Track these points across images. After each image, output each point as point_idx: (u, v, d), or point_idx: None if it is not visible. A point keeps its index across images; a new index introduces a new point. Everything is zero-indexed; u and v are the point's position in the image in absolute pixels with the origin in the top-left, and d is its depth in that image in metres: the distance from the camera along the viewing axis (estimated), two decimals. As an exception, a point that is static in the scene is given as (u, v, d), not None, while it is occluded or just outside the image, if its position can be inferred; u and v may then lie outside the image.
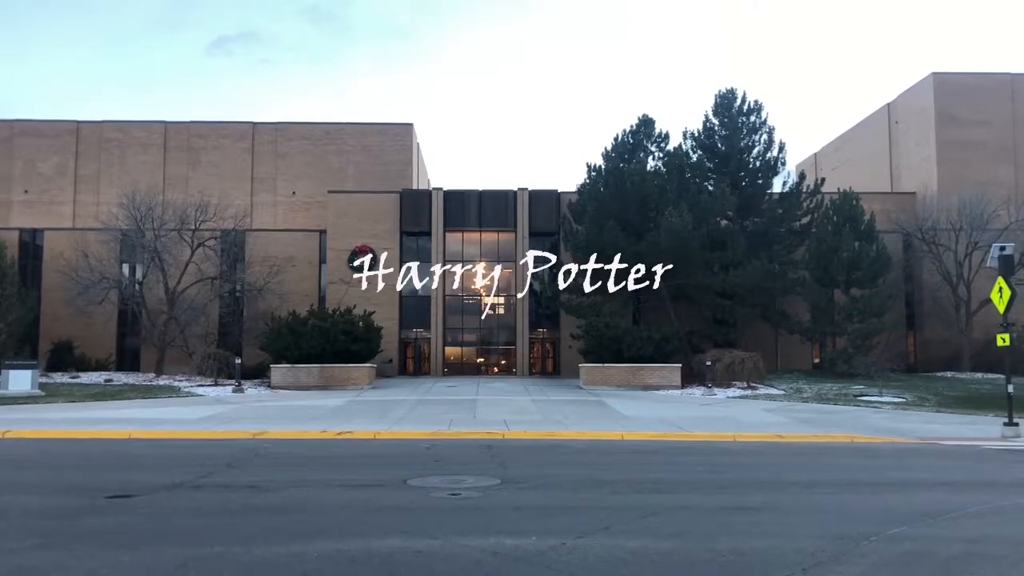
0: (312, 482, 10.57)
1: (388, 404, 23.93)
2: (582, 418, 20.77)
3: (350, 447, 14.88)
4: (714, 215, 34.83)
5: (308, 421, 19.29)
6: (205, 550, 6.93)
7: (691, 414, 21.97)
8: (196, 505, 8.99)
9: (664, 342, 31.94)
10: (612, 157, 36.21)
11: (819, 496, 9.88)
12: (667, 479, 11.21)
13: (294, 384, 30.45)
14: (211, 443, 15.29)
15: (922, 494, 10.12)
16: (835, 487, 10.60)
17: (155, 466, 12.18)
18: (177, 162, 47.86)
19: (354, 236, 39.47)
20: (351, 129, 48.85)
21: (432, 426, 18.03)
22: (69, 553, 6.84)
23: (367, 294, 38.63)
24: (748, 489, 10.30)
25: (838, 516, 8.59)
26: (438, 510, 8.67)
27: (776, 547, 7.17)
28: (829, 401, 26.00)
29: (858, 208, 35.21)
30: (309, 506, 8.87)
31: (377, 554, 6.80)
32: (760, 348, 34.06)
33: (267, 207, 47.53)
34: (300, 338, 31.21)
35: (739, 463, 13.11)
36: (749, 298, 35.01)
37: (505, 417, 20.13)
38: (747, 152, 37.52)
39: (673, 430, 18.00)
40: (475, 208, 40.47)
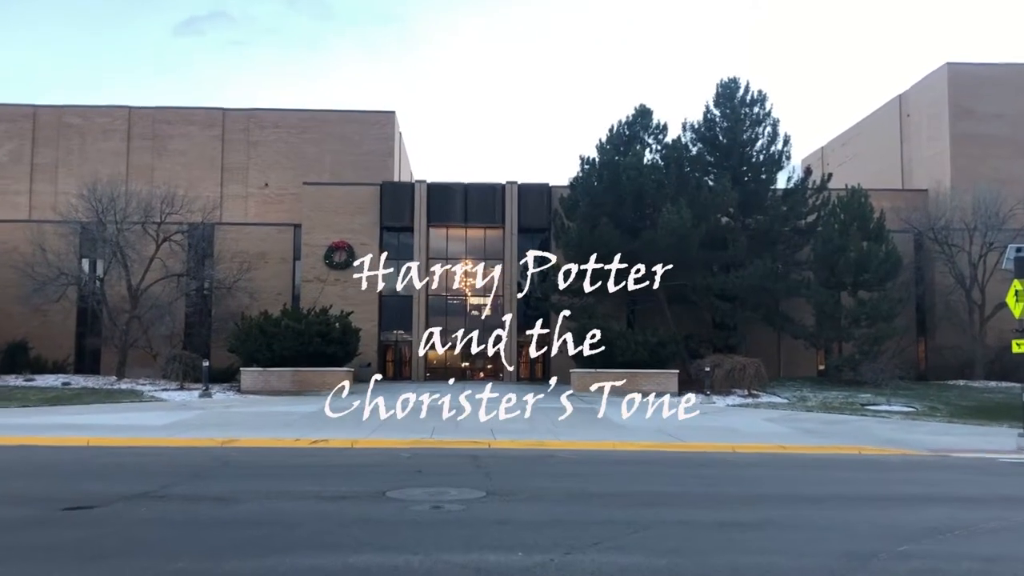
0: (284, 493, 10.55)
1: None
2: (573, 427, 20.80)
3: (325, 456, 14.85)
4: (714, 212, 34.95)
5: (281, 428, 19.25)
6: (170, 566, 6.91)
7: (688, 423, 22.03)
8: (160, 517, 8.96)
9: (660, 346, 32.03)
10: (607, 149, 36.25)
11: (823, 511, 9.94)
12: (662, 492, 11.25)
13: (265, 389, 30.36)
14: (176, 451, 15.23)
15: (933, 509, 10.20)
16: (840, 501, 10.67)
17: (116, 476, 12.12)
18: (142, 150, 47.59)
19: (331, 231, 39.39)
20: (329, 117, 48.73)
21: (413, 434, 18.02)
22: (19, 570, 6.80)
23: (345, 293, 38.54)
24: (748, 503, 10.35)
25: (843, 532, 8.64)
26: (418, 524, 8.67)
27: (776, 565, 7.22)
28: (835, 410, 26.15)
29: (867, 206, 35.40)
30: (281, 519, 8.86)
31: (353, 569, 6.81)
32: (762, 354, 34.23)
33: (238, 199, 47.36)
34: (272, 340, 31.12)
35: (739, 475, 13.17)
36: (750, 301, 35.14)
37: (491, 425, 20.14)
38: (750, 145, 37.64)
39: (669, 440, 18.06)
40: (460, 202, 40.46)
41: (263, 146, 48.01)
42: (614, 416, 23.39)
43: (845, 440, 18.61)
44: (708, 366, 30.59)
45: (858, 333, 34.47)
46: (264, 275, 39.33)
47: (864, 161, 51.14)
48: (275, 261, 40.41)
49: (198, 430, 18.73)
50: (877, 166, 49.44)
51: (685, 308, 36.11)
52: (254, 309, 35.02)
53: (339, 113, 49.17)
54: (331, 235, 39.41)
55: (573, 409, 25.83)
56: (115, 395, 28.15)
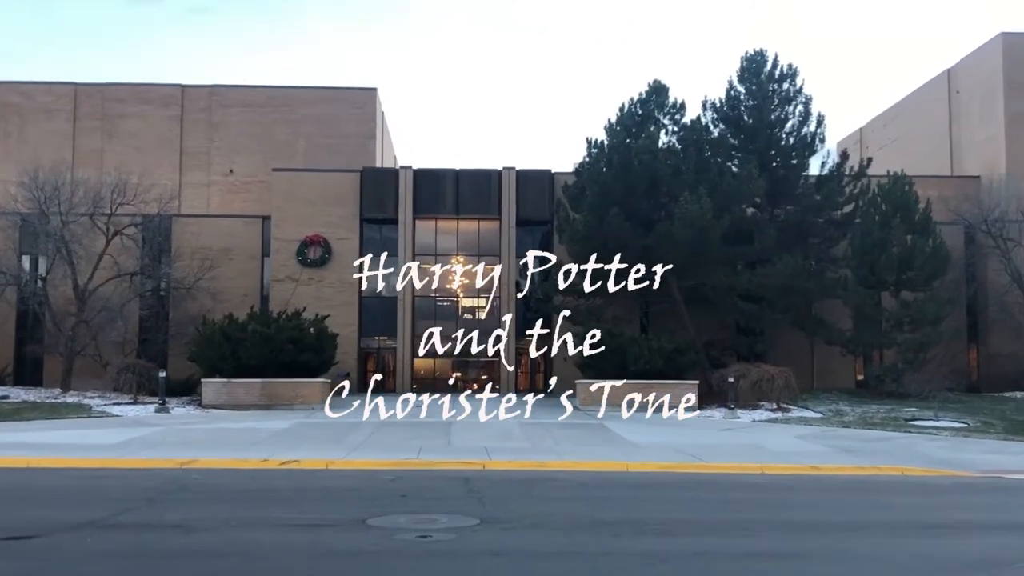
0: (251, 521, 10.54)
1: (344, 427, 23.85)
2: (578, 445, 20.78)
3: (298, 479, 14.84)
4: (739, 202, 34.97)
5: (247, 447, 19.23)
6: (120, 604, 6.89)
7: (709, 441, 22.03)
8: (110, 548, 8.94)
9: (677, 354, 32.03)
10: (617, 131, 36.23)
11: (863, 540, 9.93)
12: (679, 519, 11.25)
13: (230, 402, 30.33)
14: (129, 473, 15.21)
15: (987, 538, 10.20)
16: (882, 529, 10.66)
17: (60, 501, 12.09)
18: (90, 132, 47.53)
19: (304, 224, 39.36)
20: (302, 94, 48.69)
21: (397, 454, 18.02)
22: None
23: (320, 294, 38.51)
24: (776, 532, 10.34)
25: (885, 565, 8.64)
26: (403, 555, 8.66)
27: (810, 601, 7.21)
28: (875, 426, 26.18)
29: (911, 195, 35.44)
30: (248, 550, 8.84)
31: (329, 609, 6.79)
32: (792, 362, 34.23)
33: (199, 188, 47.31)
34: (238, 347, 31.09)
35: (766, 500, 13.16)
36: (779, 302, 35.14)
37: (486, 443, 20.14)
38: (779, 126, 37.66)
39: (687, 460, 18.07)
40: (451, 191, 40.45)
41: (227, 127, 47.95)
42: (625, 432, 23.38)
43: (887, 460, 18.61)
44: (732, 376, 30.59)
45: (901, 339, 34.49)
46: (229, 273, 39.26)
47: (908, 144, 51.17)
48: (241, 258, 40.36)
49: (154, 449, 18.70)
50: (922, 150, 49.47)
51: (705, 310, 36.11)
52: (217, 312, 34.94)
53: (314, 90, 49.11)
54: (304, 228, 39.36)
55: (578, 424, 25.81)
56: (60, 410, 28.09)
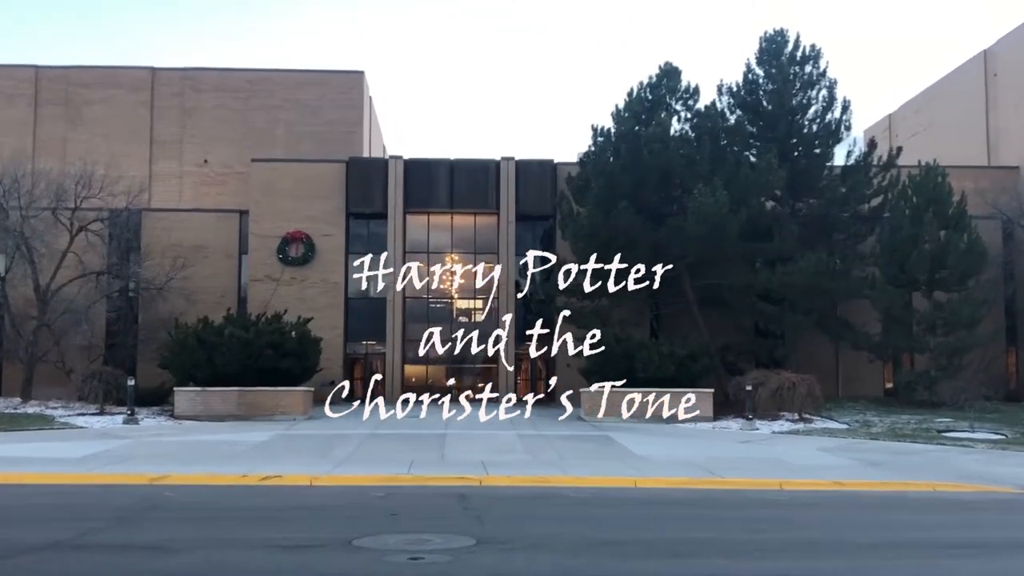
0: (229, 542, 10.55)
1: (329, 439, 23.85)
2: (583, 458, 20.81)
3: (279, 496, 14.85)
4: (757, 194, 34.98)
5: (224, 462, 19.23)
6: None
7: (725, 454, 22.05)
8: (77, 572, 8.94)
9: (691, 360, 32.06)
10: (625, 118, 36.27)
11: (889, 564, 9.96)
12: (692, 539, 11.26)
13: (205, 413, 30.32)
14: (97, 490, 15.20)
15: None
16: (913, 551, 10.68)
17: (21, 520, 12.09)
18: (52, 119, 47.50)
19: (285, 219, 39.38)
20: (283, 78, 48.69)
21: (387, 469, 18.02)
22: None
23: (302, 295, 38.55)
24: (797, 553, 10.36)
25: (914, 588, 8.65)
26: (394, 579, 8.67)
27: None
28: (905, 438, 26.19)
29: (944, 187, 35.43)
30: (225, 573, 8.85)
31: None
32: (816, 368, 34.23)
33: (171, 179, 47.28)
34: (213, 352, 31.09)
35: (786, 519, 13.18)
36: (802, 303, 35.15)
37: (483, 457, 20.15)
38: (800, 113, 37.68)
39: (701, 475, 18.08)
40: (445, 183, 40.48)
41: (202, 114, 47.93)
42: (633, 445, 23.37)
43: (918, 475, 18.61)
44: (750, 384, 30.59)
45: (934, 343, 34.50)
46: (203, 273, 39.26)
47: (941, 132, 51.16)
48: (217, 256, 40.37)
49: (122, 464, 18.69)
50: (957, 138, 49.46)
51: (721, 312, 36.15)
52: (191, 315, 34.94)
53: (295, 74, 49.12)
54: (285, 223, 39.39)
55: (582, 436, 25.84)
56: (20, 421, 28.07)
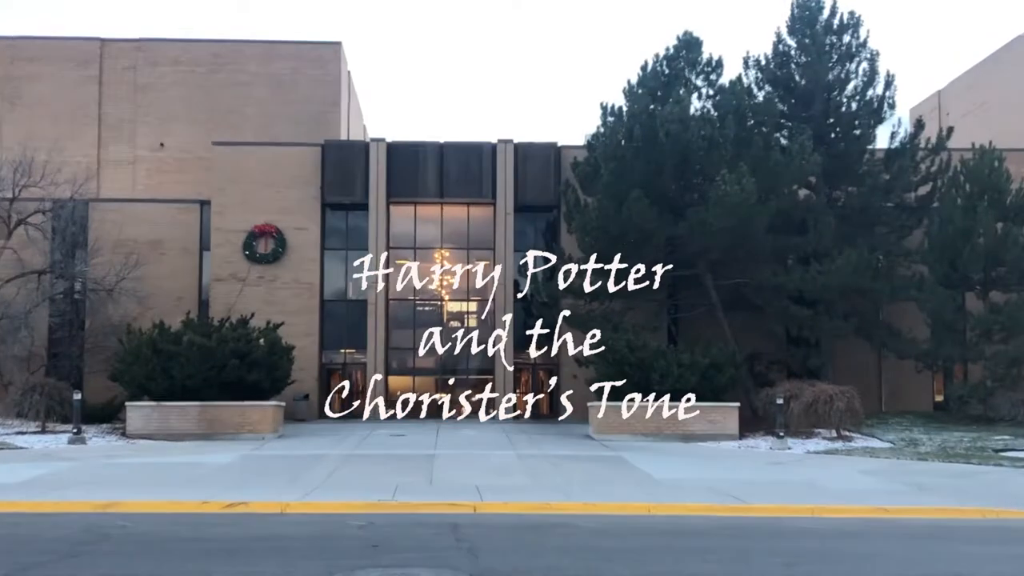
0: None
1: (303, 461, 23.78)
2: (592, 482, 20.75)
3: (245, 526, 14.80)
4: (789, 182, 34.95)
5: (183, 486, 19.17)
6: None
7: (753, 477, 22.01)
8: (13, 613, 8.92)
9: (714, 370, 31.99)
10: (639, 95, 36.20)
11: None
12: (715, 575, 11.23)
13: (162, 431, 30.23)
14: (37, 520, 15.15)
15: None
16: (965, 586, 10.67)
17: (-49, 554, 12.06)
18: (-13, 97, 47.54)
19: (253, 210, 39.37)
20: (250, 50, 48.68)
21: (369, 494, 17.97)
22: None
23: (272, 297, 38.55)
24: (837, 589, 10.34)
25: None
26: (377, 621, 8.64)
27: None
28: (958, 458, 26.15)
29: (1001, 173, 35.38)
30: (183, 615, 8.83)
31: None
32: (856, 380, 34.18)
33: (122, 166, 47.26)
34: (171, 362, 31.01)
35: (824, 551, 13.16)
36: (839, 305, 35.12)
37: (478, 481, 20.10)
38: (838, 89, 37.65)
39: (727, 501, 18.04)
40: (434, 169, 40.46)
41: (158, 91, 47.89)
42: (648, 466, 23.34)
43: (972, 500, 18.58)
44: (781, 397, 30.58)
45: (990, 351, 34.48)
46: (159, 272, 39.26)
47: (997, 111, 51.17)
48: (175, 252, 40.37)
49: (67, 489, 18.59)
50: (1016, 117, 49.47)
51: (748, 316, 36.12)
52: (145, 320, 34.92)
53: (265, 45, 49.10)
54: (253, 216, 39.39)
55: (590, 457, 25.78)
56: (-49, 441, 28.03)
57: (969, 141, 38.26)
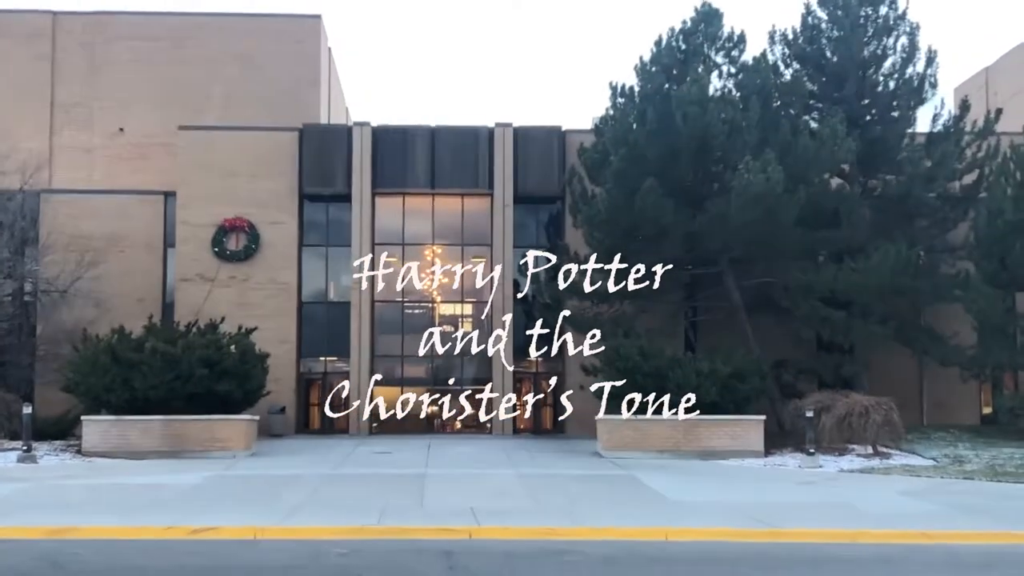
0: (150, 613, 10.48)
1: (279, 481, 23.81)
2: (600, 504, 20.74)
3: (215, 554, 14.77)
4: (820, 169, 34.87)
5: (144, 510, 19.13)
6: None
7: (781, 498, 22.02)
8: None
9: (736, 379, 31.96)
10: (652, 73, 36.17)
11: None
12: (743, 607, 11.21)
13: (122, 448, 30.21)
14: (-19, 547, 15.13)
15: None
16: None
17: None
18: (-74, 77, 47.53)
19: (222, 202, 39.36)
20: (219, 24, 48.58)
21: (351, 518, 17.93)
22: None
23: (244, 299, 38.53)
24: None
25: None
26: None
27: None
28: (1008, 477, 26.13)
29: (1056, 159, 35.42)
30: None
31: None
32: (894, 390, 34.13)
33: (77, 153, 47.17)
34: (132, 372, 30.98)
35: (861, 580, 13.13)
36: (876, 307, 35.08)
37: (473, 503, 20.06)
38: (874, 66, 37.60)
39: (753, 525, 18.00)
40: (424, 156, 40.45)
41: (116, 70, 47.75)
42: (664, 487, 23.31)
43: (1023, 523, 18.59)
44: (811, 409, 30.52)
45: (1044, 357, 34.52)
46: (118, 271, 39.24)
47: (1051, 90, 51.15)
48: (136, 249, 40.35)
49: (16, 514, 18.56)
50: (1071, 97, 49.47)
51: (774, 319, 36.11)
52: (103, 324, 34.84)
53: (235, 19, 48.98)
54: (223, 208, 39.38)
55: (599, 476, 25.78)
56: None
57: (1020, 124, 38.30)
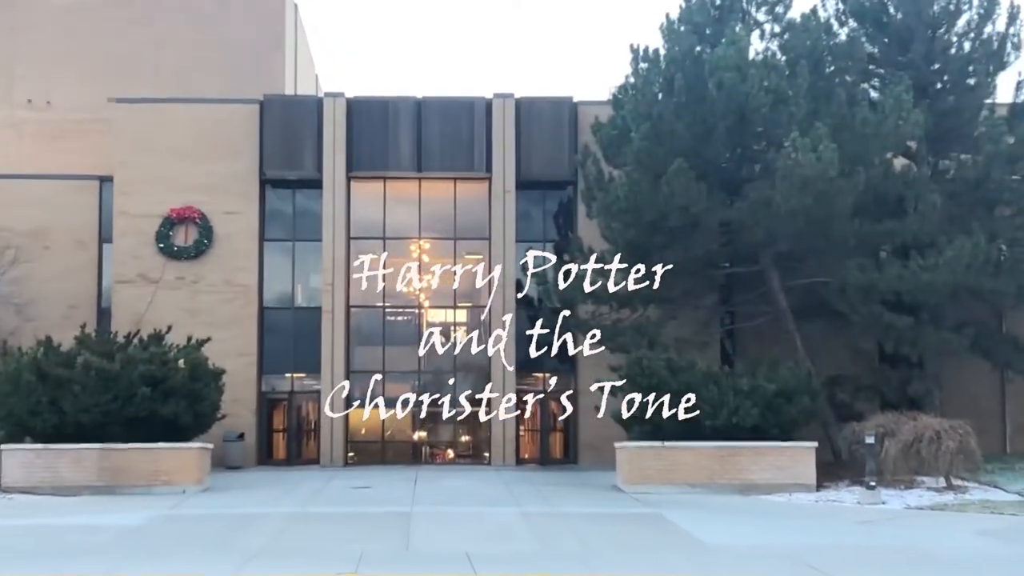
0: None
1: (236, 522, 23.82)
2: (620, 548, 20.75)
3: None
4: (881, 148, 34.83)
5: (76, 557, 19.13)
6: None
7: (837, 541, 22.00)
8: None
9: (783, 399, 31.94)
10: (681, 33, 36.06)
11: None
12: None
13: (49, 483, 30.21)
14: None
15: None
16: None
17: None
18: None
19: (168, 188, 39.39)
20: (164, -23, 48.84)
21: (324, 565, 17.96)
22: None
23: (195, 304, 38.52)
24: None
25: None
26: None
27: None
28: (1107, 514, 26.16)
29: None
30: None
31: None
32: (970, 411, 34.09)
33: (-5, 131, 47.39)
34: (61, 391, 30.98)
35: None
36: (950, 312, 35.08)
37: (468, 547, 20.06)
38: (945, 25, 37.50)
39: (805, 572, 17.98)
40: (409, 133, 40.45)
41: (39, 31, 47.89)
42: (698, 528, 23.29)
43: None
44: (871, 434, 30.53)
45: None
46: (45, 271, 39.26)
47: None
48: (65, 245, 40.41)
49: (-79, 562, 18.62)
50: None
51: (827, 327, 36.10)
52: (26, 335, 34.93)
53: (183, -30, 49.25)
54: (170, 196, 39.42)
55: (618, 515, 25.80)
56: None
57: (1120, 95, 38.31)
